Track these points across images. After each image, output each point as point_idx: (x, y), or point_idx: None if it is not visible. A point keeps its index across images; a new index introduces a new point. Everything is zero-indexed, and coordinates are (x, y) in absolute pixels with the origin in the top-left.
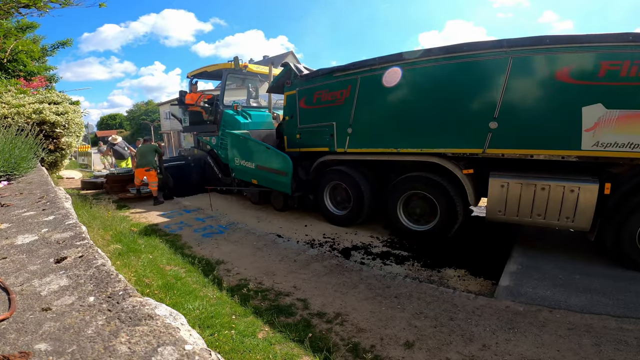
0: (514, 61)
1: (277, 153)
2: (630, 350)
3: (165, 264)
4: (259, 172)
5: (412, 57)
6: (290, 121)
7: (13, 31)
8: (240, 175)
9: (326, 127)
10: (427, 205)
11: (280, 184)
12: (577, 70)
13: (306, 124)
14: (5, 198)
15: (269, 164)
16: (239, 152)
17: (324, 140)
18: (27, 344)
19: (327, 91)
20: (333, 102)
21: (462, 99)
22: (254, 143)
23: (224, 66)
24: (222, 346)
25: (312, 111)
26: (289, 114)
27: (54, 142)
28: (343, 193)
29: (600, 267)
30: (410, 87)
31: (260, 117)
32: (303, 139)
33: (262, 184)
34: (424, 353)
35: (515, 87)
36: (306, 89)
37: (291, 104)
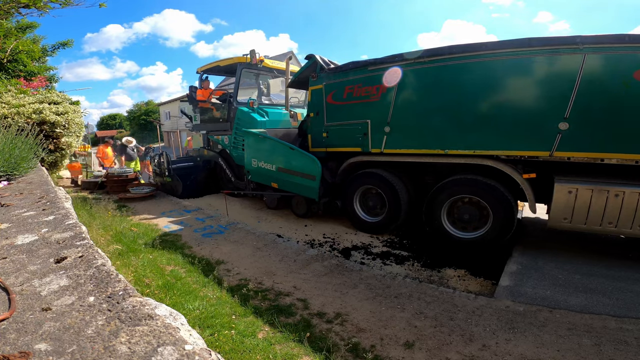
0: (588, 59)
1: (304, 155)
2: (630, 350)
3: (165, 264)
4: (280, 175)
5: (465, 52)
6: (315, 118)
7: (13, 31)
8: (258, 178)
9: (358, 125)
10: (476, 211)
11: (306, 189)
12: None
13: (334, 121)
14: (5, 198)
15: (293, 166)
16: (257, 152)
17: (355, 139)
18: (27, 344)
19: (360, 86)
20: (367, 98)
21: (527, 98)
22: (275, 143)
23: (238, 60)
24: (222, 346)
25: (342, 107)
26: (314, 110)
27: (54, 142)
28: (375, 198)
29: (600, 267)
30: (463, 84)
31: (277, 115)
32: (330, 138)
33: (284, 188)
34: (424, 353)
35: (589, 86)
36: (335, 83)
37: (317, 99)
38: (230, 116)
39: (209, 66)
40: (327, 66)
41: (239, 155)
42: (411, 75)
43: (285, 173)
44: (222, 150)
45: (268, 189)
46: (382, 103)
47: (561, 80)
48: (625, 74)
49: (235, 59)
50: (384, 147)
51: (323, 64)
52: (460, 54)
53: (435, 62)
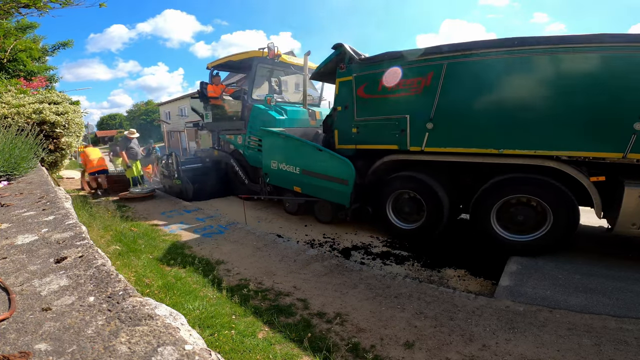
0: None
1: (334, 156)
2: (630, 350)
3: (165, 264)
4: (305, 178)
5: (528, 45)
6: (343, 112)
7: (13, 31)
8: (278, 181)
9: (395, 121)
10: (532, 213)
11: (336, 194)
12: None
13: (366, 115)
14: (5, 198)
15: (321, 169)
16: (277, 153)
17: (391, 136)
18: (27, 344)
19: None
20: (406, 91)
21: (600, 96)
22: (300, 143)
23: (254, 54)
24: (222, 346)
25: (375, 101)
26: (341, 103)
27: (54, 142)
28: (412, 203)
29: (600, 267)
30: (523, 79)
31: (295, 113)
32: (361, 134)
33: (309, 192)
34: (424, 353)
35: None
36: (367, 74)
37: (346, 92)
38: (244, 114)
39: (220, 61)
40: (359, 56)
41: (253, 156)
42: (459, 68)
43: (311, 176)
44: (235, 151)
45: (287, 193)
46: (425, 97)
47: (637, 78)
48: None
49: (251, 53)
50: (425, 145)
51: (353, 54)
52: (514, 48)
53: (486, 56)
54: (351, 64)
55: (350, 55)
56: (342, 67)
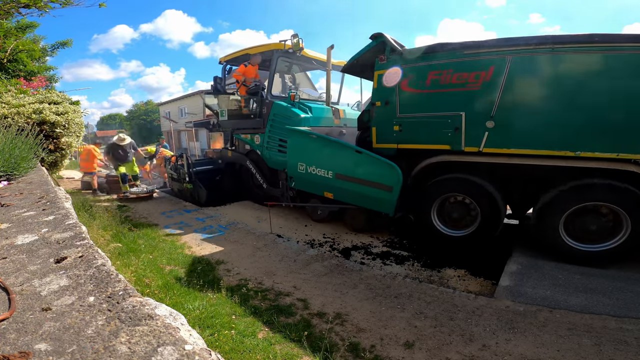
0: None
1: (377, 160)
2: (630, 350)
3: (165, 264)
4: (339, 183)
5: (610, 42)
6: (383, 108)
7: (13, 31)
8: (304, 186)
9: (447, 118)
10: (605, 221)
11: (378, 202)
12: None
13: (411, 112)
14: (5, 198)
15: (361, 174)
16: (306, 155)
17: (441, 135)
18: (27, 344)
19: (452, 72)
20: (462, 86)
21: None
22: (335, 145)
23: (274, 47)
24: (222, 346)
25: (423, 96)
26: (381, 98)
27: (54, 142)
28: (461, 208)
29: (600, 267)
30: (606, 76)
31: (319, 110)
32: (405, 132)
33: (343, 199)
34: (424, 353)
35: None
36: (414, 67)
37: (386, 85)
38: (262, 112)
39: (234, 55)
40: (402, 47)
41: (273, 157)
42: (527, 63)
43: (347, 181)
44: (251, 151)
45: (313, 198)
46: (485, 93)
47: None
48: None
49: (271, 45)
50: (484, 146)
51: (396, 45)
52: (595, 44)
53: (572, 51)
54: (393, 56)
55: (392, 46)
56: (382, 58)
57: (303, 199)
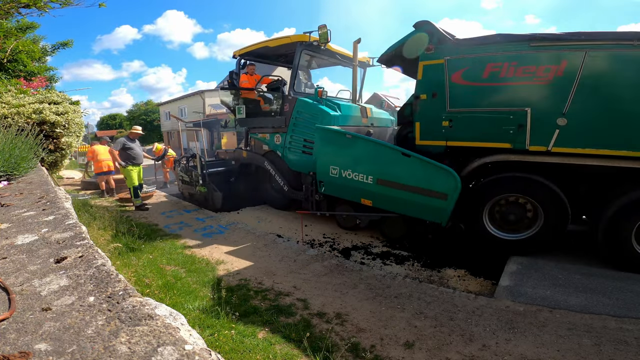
0: None
1: (430, 165)
2: (630, 350)
3: (165, 264)
4: (380, 189)
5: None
6: (429, 102)
7: (13, 31)
8: (337, 191)
9: (509, 115)
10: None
11: (428, 210)
12: None
13: (464, 106)
14: (5, 198)
15: (409, 179)
16: (340, 157)
17: (502, 132)
18: (27, 344)
19: (516, 64)
20: (528, 80)
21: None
22: (377, 146)
23: (298, 39)
24: (222, 346)
25: (479, 90)
26: (427, 91)
27: (54, 142)
28: (517, 209)
29: (600, 267)
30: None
31: (347, 108)
32: (456, 129)
33: (385, 207)
34: (424, 353)
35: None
36: (468, 58)
37: (434, 77)
38: (283, 109)
39: (250, 48)
40: (453, 36)
41: (296, 159)
42: (607, 59)
43: (390, 187)
44: (269, 152)
45: (345, 205)
46: (555, 88)
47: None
48: None
49: (293, 38)
50: (553, 145)
51: (446, 34)
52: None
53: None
54: (442, 45)
55: (440, 35)
56: (429, 48)
57: (330, 204)
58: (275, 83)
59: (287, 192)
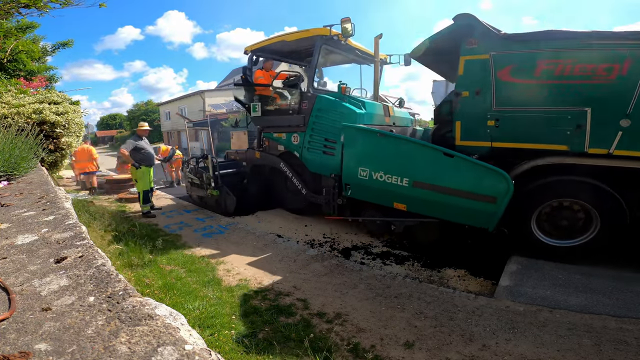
0: None
1: (478, 166)
2: (630, 350)
3: (165, 264)
4: (417, 192)
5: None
6: (472, 99)
7: (13, 31)
8: (365, 195)
9: (567, 115)
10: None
11: (473, 214)
12: None
13: (513, 105)
14: (5, 198)
15: (452, 182)
16: (370, 158)
17: (557, 133)
18: (27, 344)
19: (574, 62)
20: (587, 79)
21: None
22: (415, 146)
23: (317, 33)
24: (222, 346)
25: (531, 87)
26: (470, 87)
27: (54, 142)
28: (569, 214)
29: (600, 267)
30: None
31: (371, 106)
32: (503, 129)
33: (422, 211)
34: (424, 353)
35: None
36: (517, 54)
37: (478, 73)
38: (301, 107)
39: (264, 43)
40: (499, 31)
41: (316, 160)
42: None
43: (430, 191)
44: (285, 153)
45: (371, 209)
46: (618, 87)
47: None
48: None
49: (312, 31)
50: (615, 147)
51: (490, 28)
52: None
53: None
54: (486, 40)
55: (484, 29)
56: (471, 42)
57: (354, 208)
58: (294, 79)
59: (305, 195)
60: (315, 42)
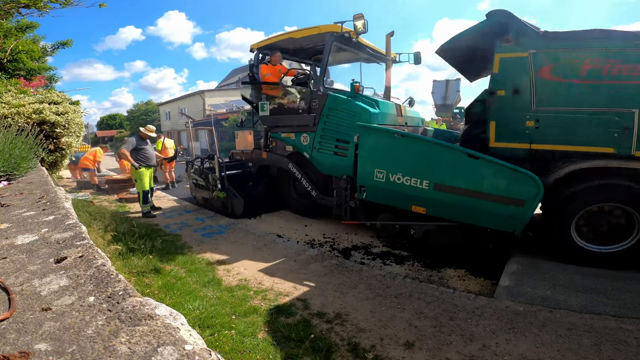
0: None
1: (505, 168)
2: (630, 350)
3: (165, 264)
4: (437, 195)
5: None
6: (510, 99)
7: (13, 31)
8: (381, 198)
9: (614, 116)
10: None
11: (500, 219)
12: None
13: (554, 105)
14: (5, 198)
15: (477, 184)
16: (388, 160)
17: (602, 135)
18: (27, 344)
19: (622, 62)
20: (636, 79)
21: None
22: (436, 147)
23: (328, 29)
24: (222, 346)
25: (574, 87)
26: (506, 86)
27: (54, 142)
28: (610, 219)
29: (600, 267)
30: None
31: (385, 106)
32: (543, 130)
33: (443, 214)
34: (424, 353)
35: None
36: (559, 53)
37: (515, 71)
38: (311, 106)
39: (271, 40)
40: (538, 29)
41: (327, 161)
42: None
43: (452, 194)
44: (294, 153)
45: (385, 212)
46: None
47: None
48: None
49: (323, 28)
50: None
51: (529, 25)
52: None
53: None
54: (523, 37)
55: (521, 26)
56: (508, 39)
57: (368, 211)
58: (302, 77)
59: (315, 197)
60: (326, 39)
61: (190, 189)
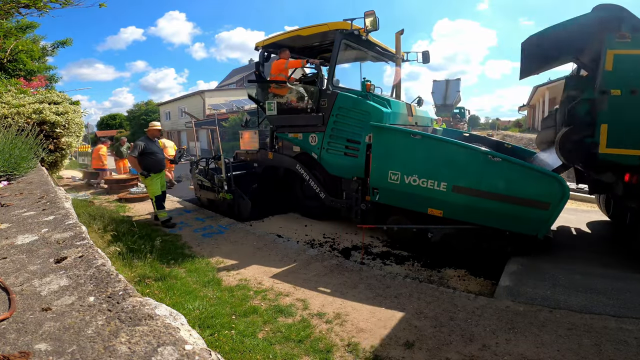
0: None
1: (529, 170)
2: (630, 350)
3: (165, 264)
4: (456, 198)
5: None
6: (627, 99)
7: (13, 31)
8: (395, 200)
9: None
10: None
11: (523, 222)
12: None
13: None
14: (5, 198)
15: (498, 187)
16: (403, 161)
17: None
18: (27, 344)
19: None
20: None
21: None
22: (455, 148)
23: (337, 26)
24: (222, 346)
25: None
26: (622, 85)
27: (54, 142)
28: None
29: (600, 267)
30: None
31: (396, 105)
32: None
33: (461, 217)
34: (424, 353)
35: None
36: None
37: (633, 70)
38: (320, 106)
39: (277, 38)
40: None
41: (337, 162)
42: None
43: (471, 196)
44: (301, 154)
45: (398, 215)
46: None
47: None
48: None
49: (331, 25)
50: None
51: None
52: None
53: None
54: None
55: (636, 21)
56: (623, 35)
57: (379, 214)
58: (311, 76)
59: (324, 199)
60: (335, 37)
61: (194, 189)
